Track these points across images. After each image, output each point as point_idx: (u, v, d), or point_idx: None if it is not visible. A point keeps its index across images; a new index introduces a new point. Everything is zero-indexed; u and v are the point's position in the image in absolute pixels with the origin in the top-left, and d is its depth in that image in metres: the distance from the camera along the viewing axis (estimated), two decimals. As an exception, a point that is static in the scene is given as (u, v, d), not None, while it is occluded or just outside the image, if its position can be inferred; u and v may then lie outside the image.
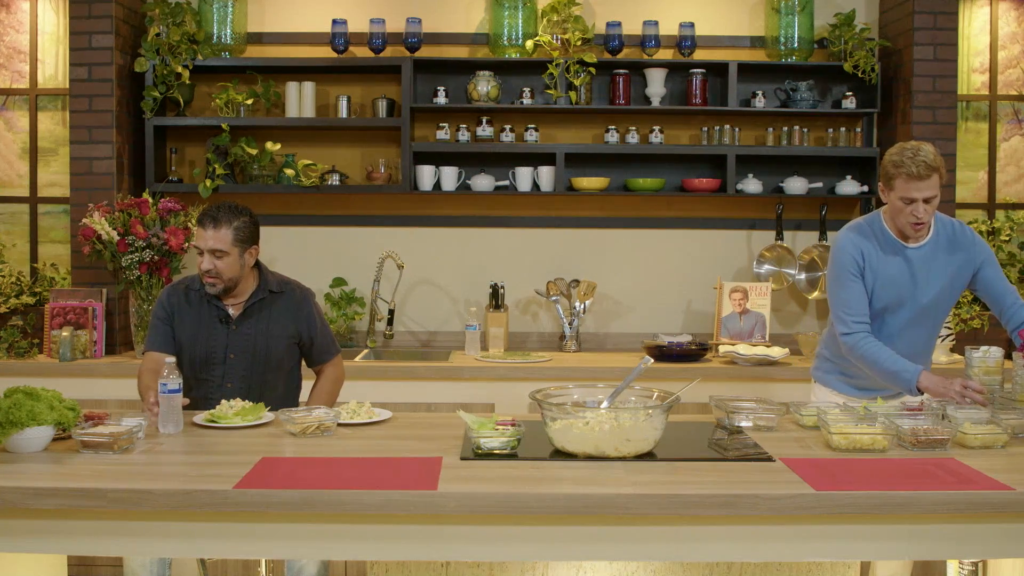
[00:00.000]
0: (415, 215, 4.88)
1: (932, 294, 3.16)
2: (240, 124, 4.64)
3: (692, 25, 4.73)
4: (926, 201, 3.04)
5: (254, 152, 4.63)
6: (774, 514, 2.26)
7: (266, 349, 3.26)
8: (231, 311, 3.27)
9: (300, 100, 4.69)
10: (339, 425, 2.92)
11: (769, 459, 2.56)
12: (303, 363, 3.44)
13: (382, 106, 4.70)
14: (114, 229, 4.24)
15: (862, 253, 3.15)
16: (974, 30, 4.86)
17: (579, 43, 4.64)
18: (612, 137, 4.73)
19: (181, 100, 4.63)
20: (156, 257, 4.27)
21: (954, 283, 3.19)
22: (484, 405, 4.14)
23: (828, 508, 2.25)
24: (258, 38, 4.83)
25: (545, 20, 4.69)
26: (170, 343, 3.25)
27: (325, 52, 4.75)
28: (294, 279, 3.42)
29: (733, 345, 4.45)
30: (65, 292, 4.45)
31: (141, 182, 4.70)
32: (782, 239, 4.80)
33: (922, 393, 3.03)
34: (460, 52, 4.84)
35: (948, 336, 4.38)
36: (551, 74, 4.62)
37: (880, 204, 3.06)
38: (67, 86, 4.63)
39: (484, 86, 4.66)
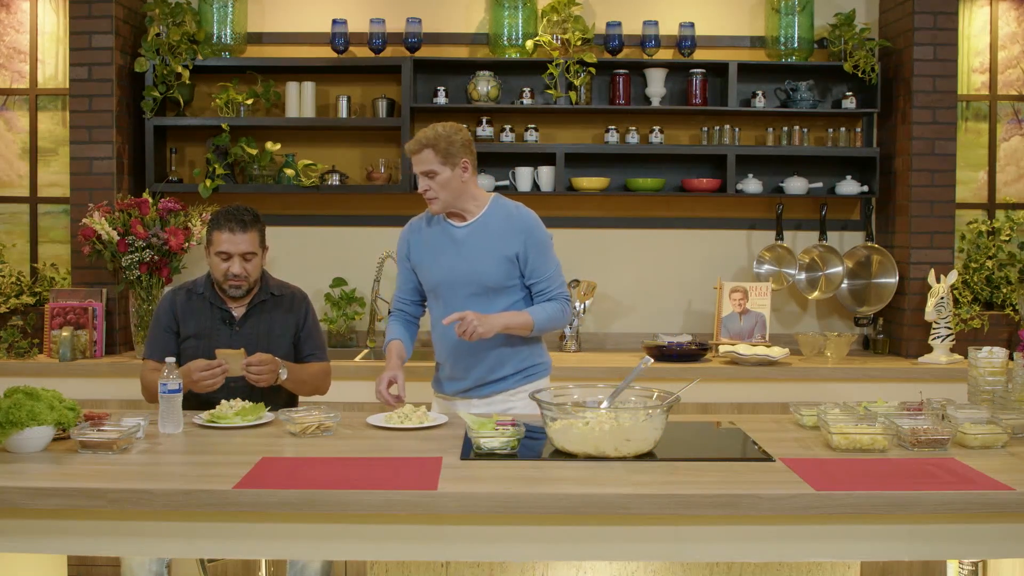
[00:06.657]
0: (415, 215, 4.86)
1: (483, 270, 3.20)
2: (240, 124, 4.64)
3: (692, 25, 4.73)
4: (427, 176, 3.17)
5: (254, 152, 4.63)
6: (774, 514, 2.26)
7: (268, 350, 3.25)
8: (235, 312, 3.31)
9: (300, 100, 4.69)
10: (392, 429, 2.90)
11: (769, 459, 2.56)
12: None
13: (382, 106, 4.70)
14: (114, 229, 4.24)
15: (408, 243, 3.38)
16: (974, 30, 4.86)
17: (579, 43, 4.64)
18: (612, 137, 4.73)
19: (181, 100, 4.63)
20: (156, 257, 4.27)
21: (508, 261, 3.21)
22: (484, 405, 4.13)
23: (828, 508, 2.25)
24: (258, 38, 4.83)
25: (545, 20, 4.69)
26: (171, 353, 3.23)
27: (325, 52, 4.75)
28: (292, 284, 3.46)
29: (733, 345, 4.45)
30: (65, 292, 4.45)
31: (141, 182, 4.70)
32: (782, 239, 4.80)
33: None
34: (460, 52, 4.84)
35: (948, 336, 4.37)
36: (551, 74, 4.62)
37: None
38: (67, 86, 4.63)
39: (484, 86, 4.66)
